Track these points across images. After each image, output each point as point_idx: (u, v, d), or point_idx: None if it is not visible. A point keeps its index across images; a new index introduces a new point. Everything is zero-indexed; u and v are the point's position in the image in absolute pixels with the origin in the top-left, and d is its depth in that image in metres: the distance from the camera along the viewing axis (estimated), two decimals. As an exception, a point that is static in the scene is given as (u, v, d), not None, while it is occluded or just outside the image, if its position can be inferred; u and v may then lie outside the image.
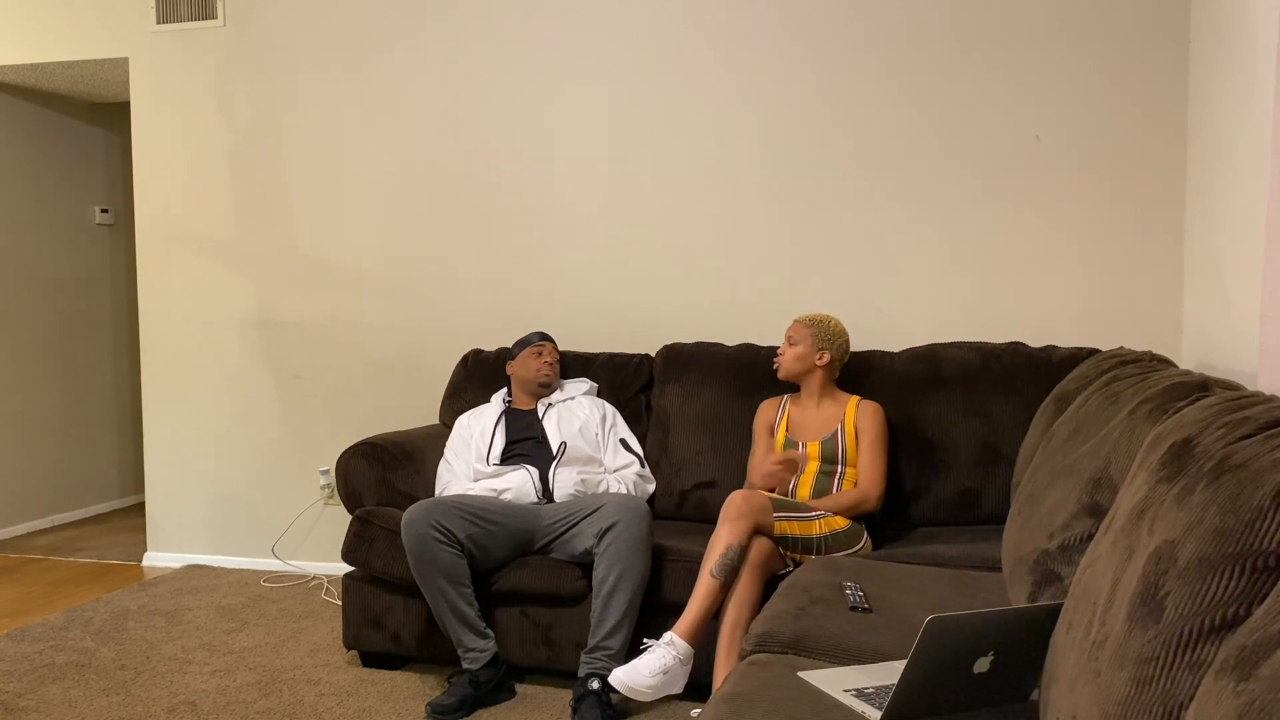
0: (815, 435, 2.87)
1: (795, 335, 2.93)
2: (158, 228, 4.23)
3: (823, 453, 2.85)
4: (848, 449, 2.82)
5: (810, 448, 2.86)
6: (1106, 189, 3.31)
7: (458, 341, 3.91)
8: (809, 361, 2.90)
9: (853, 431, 2.84)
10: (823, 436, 2.86)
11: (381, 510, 3.03)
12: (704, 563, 2.54)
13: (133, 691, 2.88)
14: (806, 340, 2.90)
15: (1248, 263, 2.45)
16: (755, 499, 2.56)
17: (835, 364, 2.94)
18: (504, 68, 3.81)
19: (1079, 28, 3.29)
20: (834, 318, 2.98)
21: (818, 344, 2.90)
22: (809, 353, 2.90)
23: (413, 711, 2.74)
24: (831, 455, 2.83)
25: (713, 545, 2.53)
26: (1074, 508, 1.75)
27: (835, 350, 2.92)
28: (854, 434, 2.84)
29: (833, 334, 2.92)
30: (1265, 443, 1.18)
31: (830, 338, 2.91)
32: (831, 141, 3.52)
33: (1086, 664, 1.24)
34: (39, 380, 4.88)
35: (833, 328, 2.93)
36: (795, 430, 2.91)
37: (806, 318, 2.96)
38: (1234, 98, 2.64)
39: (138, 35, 4.19)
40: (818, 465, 2.86)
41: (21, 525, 4.78)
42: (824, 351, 2.90)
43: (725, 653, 2.48)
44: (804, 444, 2.86)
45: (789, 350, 2.94)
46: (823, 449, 2.85)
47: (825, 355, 2.90)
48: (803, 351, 2.91)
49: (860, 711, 1.60)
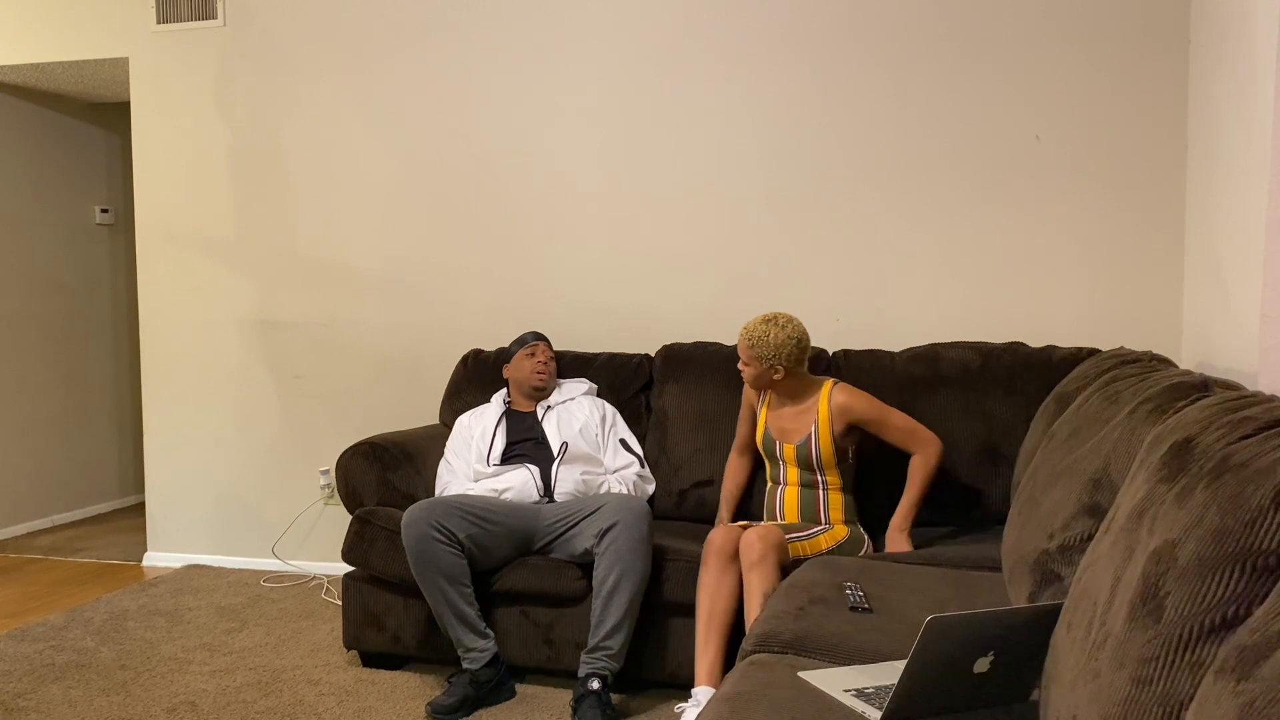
0: (791, 437, 2.84)
1: (744, 356, 2.82)
2: (158, 228, 4.23)
3: (798, 458, 2.81)
4: (823, 452, 2.77)
5: (786, 450, 2.84)
6: (1106, 189, 3.31)
7: (458, 341, 3.91)
8: (766, 378, 2.82)
9: (828, 432, 2.77)
10: (797, 441, 2.82)
11: (381, 510, 3.03)
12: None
13: (133, 691, 2.88)
14: (754, 363, 2.80)
15: (1248, 263, 2.45)
16: (770, 536, 2.56)
17: (794, 368, 2.82)
18: (504, 68, 3.81)
19: (1079, 28, 3.30)
20: (776, 323, 2.78)
21: (765, 363, 2.79)
22: (762, 372, 2.81)
23: (413, 711, 2.74)
24: (805, 460, 2.80)
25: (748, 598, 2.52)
26: (1074, 508, 1.76)
27: (786, 361, 2.78)
28: (828, 435, 2.78)
29: (776, 349, 2.76)
30: (1265, 443, 1.18)
31: (774, 353, 2.76)
32: (831, 141, 3.52)
33: (1086, 664, 1.24)
34: (39, 380, 4.88)
35: (773, 341, 2.75)
36: (774, 428, 2.87)
37: (747, 335, 2.78)
38: (1234, 98, 2.64)
39: (138, 35, 4.19)
40: (797, 474, 2.84)
41: (21, 525, 4.78)
42: (774, 367, 2.79)
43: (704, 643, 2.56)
44: (781, 445, 2.85)
45: (745, 370, 2.84)
46: (798, 454, 2.81)
47: (778, 369, 2.79)
48: (755, 372, 2.82)
49: (860, 711, 1.60)
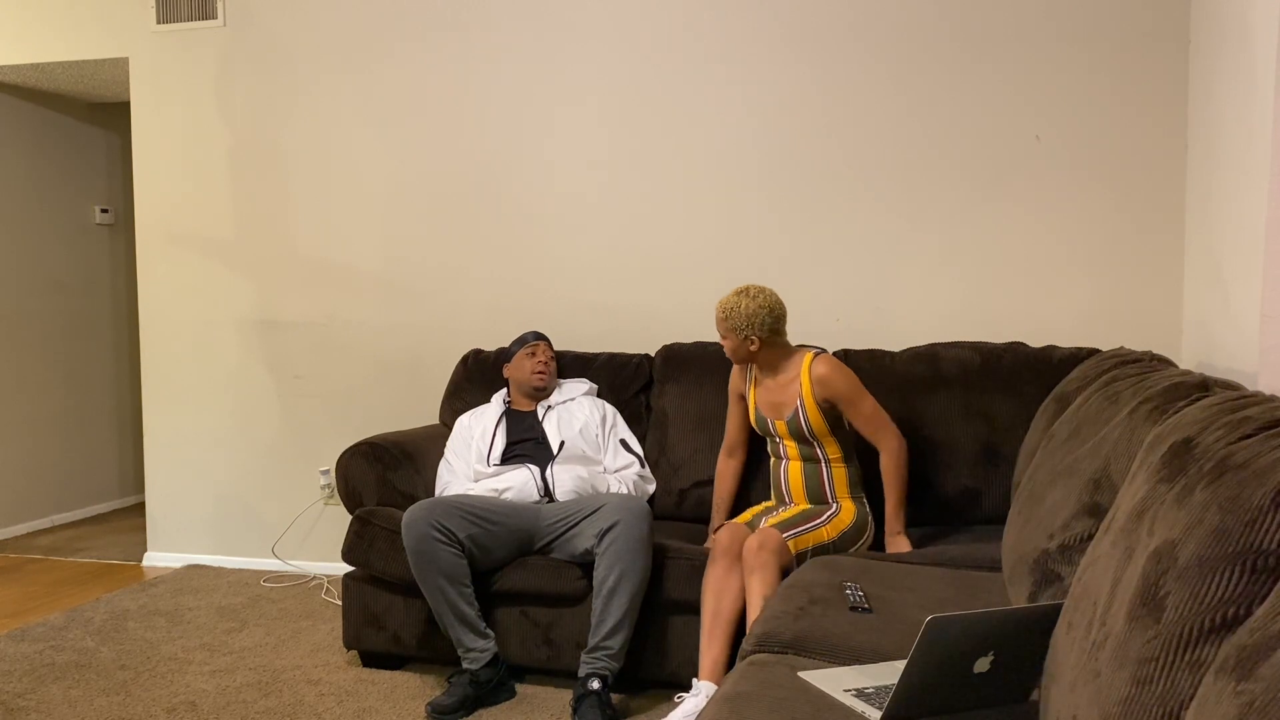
0: (780, 413, 2.86)
1: (720, 330, 2.86)
2: (158, 228, 4.23)
3: (791, 432, 2.83)
4: (813, 423, 2.79)
5: (779, 426, 2.85)
6: (1106, 189, 3.31)
7: (458, 341, 3.91)
8: (744, 350, 2.84)
9: (812, 403, 2.79)
10: (786, 415, 2.84)
11: (381, 510, 3.03)
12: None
13: (133, 691, 2.88)
14: (731, 335, 2.83)
15: (1248, 263, 2.45)
16: (770, 542, 2.57)
17: (771, 338, 2.84)
18: (504, 67, 3.81)
19: (1079, 28, 3.29)
20: (748, 294, 2.80)
21: (740, 334, 2.81)
22: (739, 344, 2.83)
23: (413, 711, 2.74)
24: (798, 433, 2.82)
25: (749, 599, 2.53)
26: (1074, 508, 1.76)
27: (760, 331, 2.80)
28: (814, 405, 2.79)
29: (748, 318, 2.79)
30: (1265, 443, 1.18)
31: (747, 323, 2.79)
32: (831, 141, 3.52)
33: (1086, 664, 1.24)
34: (39, 380, 4.88)
35: (745, 311, 2.78)
36: (763, 405, 2.89)
37: (721, 308, 2.82)
38: (1234, 98, 2.64)
39: (138, 35, 4.19)
40: (796, 449, 2.85)
41: (21, 525, 4.78)
42: (749, 338, 2.81)
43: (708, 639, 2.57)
44: (773, 422, 2.86)
45: (724, 345, 2.88)
46: (789, 428, 2.83)
47: (754, 340, 2.81)
48: (733, 345, 2.84)
49: (860, 711, 1.60)
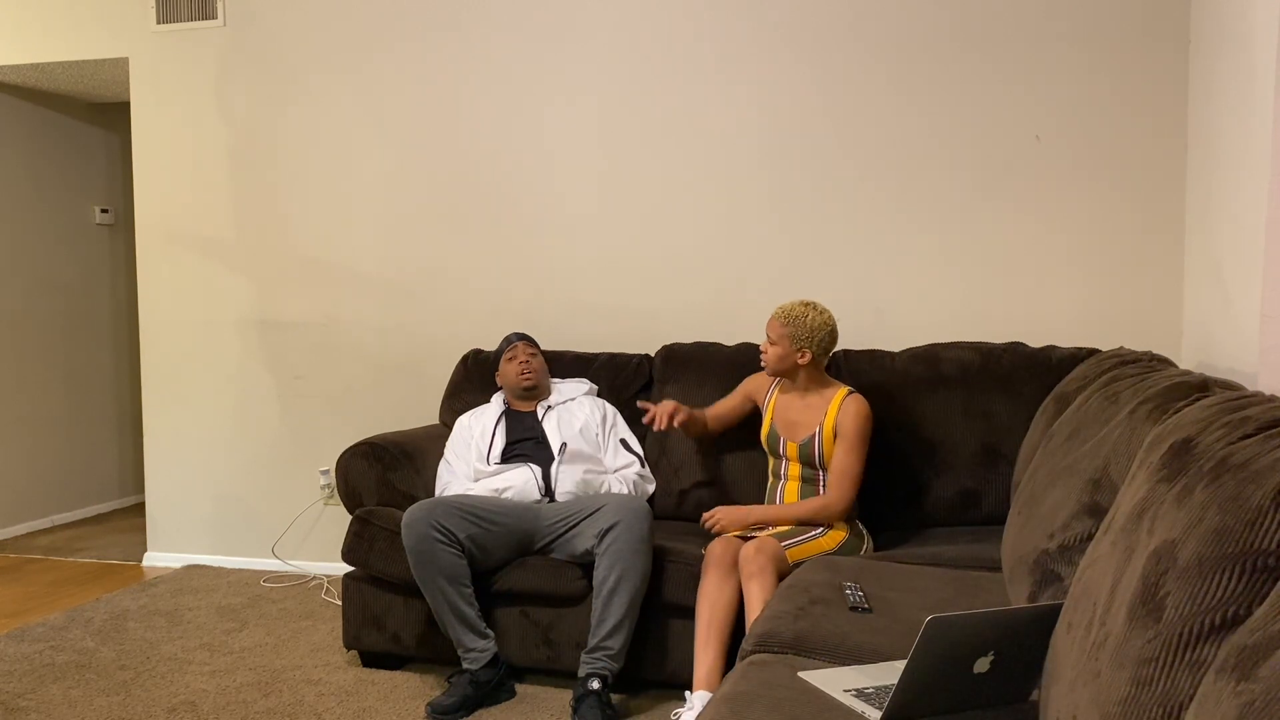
0: (795, 435, 2.84)
1: (773, 334, 2.84)
2: (158, 228, 4.23)
3: (800, 455, 2.82)
4: (824, 453, 2.78)
5: (790, 448, 2.84)
6: (1106, 189, 3.31)
7: (458, 342, 3.91)
8: (790, 360, 2.83)
9: (831, 434, 2.78)
10: (801, 438, 2.82)
11: (381, 510, 3.03)
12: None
13: (133, 691, 2.88)
14: (784, 341, 2.82)
15: (1248, 263, 2.45)
16: (768, 549, 2.57)
17: (819, 358, 2.84)
18: (503, 68, 3.81)
19: (1079, 28, 3.29)
20: (815, 307, 2.83)
21: (795, 343, 2.80)
22: (789, 352, 2.82)
23: (413, 711, 2.74)
24: (808, 458, 2.80)
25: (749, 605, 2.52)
26: (1074, 508, 1.76)
27: (815, 346, 2.80)
28: (832, 436, 2.78)
29: (811, 330, 2.80)
30: (1265, 443, 1.18)
31: (809, 335, 2.80)
32: (831, 141, 3.52)
33: (1086, 664, 1.24)
34: (39, 380, 4.88)
35: (810, 323, 2.79)
36: (780, 422, 2.88)
37: (783, 313, 2.82)
38: (1234, 98, 2.64)
39: (138, 35, 4.19)
40: (798, 470, 2.84)
41: (21, 525, 4.78)
42: (803, 350, 2.80)
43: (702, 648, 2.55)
44: (785, 441, 2.85)
45: (770, 349, 2.85)
46: (800, 451, 2.82)
47: (805, 354, 2.81)
48: (782, 352, 2.82)
49: (860, 711, 1.60)
